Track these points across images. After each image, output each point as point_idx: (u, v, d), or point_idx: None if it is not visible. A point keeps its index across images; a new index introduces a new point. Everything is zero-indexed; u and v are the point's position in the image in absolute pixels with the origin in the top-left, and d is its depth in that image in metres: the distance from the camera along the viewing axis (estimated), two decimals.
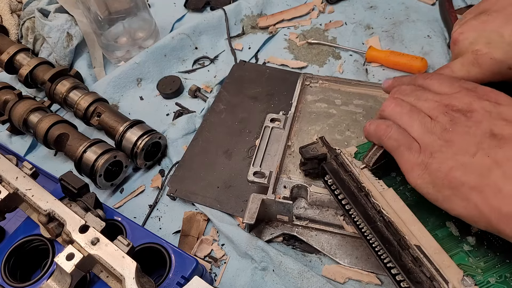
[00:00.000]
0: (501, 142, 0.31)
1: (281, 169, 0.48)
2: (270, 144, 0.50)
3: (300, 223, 0.47)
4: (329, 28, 0.71)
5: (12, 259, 0.45)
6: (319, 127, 0.51)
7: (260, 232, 0.48)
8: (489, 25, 0.39)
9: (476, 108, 0.34)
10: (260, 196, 0.45)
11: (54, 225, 0.43)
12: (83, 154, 0.53)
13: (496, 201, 0.30)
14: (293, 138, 0.51)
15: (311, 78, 0.57)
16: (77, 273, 0.39)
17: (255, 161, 0.49)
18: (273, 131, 0.52)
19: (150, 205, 0.54)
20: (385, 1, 0.73)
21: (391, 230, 0.36)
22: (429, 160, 0.34)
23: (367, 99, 0.54)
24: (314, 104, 0.54)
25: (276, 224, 0.48)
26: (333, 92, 0.55)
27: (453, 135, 0.33)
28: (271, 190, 0.46)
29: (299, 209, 0.47)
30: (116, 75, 0.67)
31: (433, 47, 0.64)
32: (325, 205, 0.46)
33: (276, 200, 0.45)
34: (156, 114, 0.64)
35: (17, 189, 0.45)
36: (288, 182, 0.47)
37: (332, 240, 0.46)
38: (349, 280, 0.45)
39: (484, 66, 0.39)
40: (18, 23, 0.77)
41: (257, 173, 0.48)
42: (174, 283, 0.41)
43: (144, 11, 0.70)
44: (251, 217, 0.44)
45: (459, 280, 0.33)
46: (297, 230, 0.47)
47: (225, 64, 0.68)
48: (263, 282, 0.46)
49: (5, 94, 0.62)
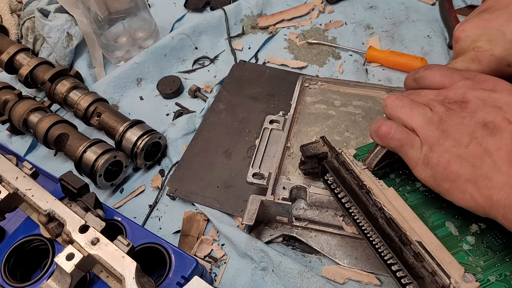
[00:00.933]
0: (493, 130, 0.32)
1: (280, 170, 0.48)
2: (269, 145, 0.51)
3: (299, 224, 0.47)
4: (329, 28, 0.71)
5: (12, 259, 0.45)
6: (318, 128, 0.51)
7: (260, 233, 0.48)
8: (492, 23, 0.40)
9: (470, 98, 0.34)
10: (259, 197, 0.45)
11: (54, 225, 0.43)
12: (83, 154, 0.53)
13: (487, 190, 0.31)
14: (292, 139, 0.51)
15: (310, 80, 0.57)
16: (77, 273, 0.40)
17: (254, 163, 0.49)
18: (272, 132, 0.52)
19: (150, 205, 0.54)
20: (385, 1, 0.73)
21: (393, 226, 0.36)
22: (430, 154, 0.34)
23: (366, 100, 0.54)
24: (313, 106, 0.54)
25: (276, 225, 0.48)
26: (332, 94, 0.55)
27: (449, 126, 0.34)
28: (270, 191, 0.46)
29: (298, 210, 0.47)
30: (116, 75, 0.67)
31: (433, 47, 0.64)
32: (324, 206, 0.46)
33: (275, 201, 0.45)
34: (156, 114, 0.64)
35: (17, 189, 0.45)
36: (287, 183, 0.47)
37: (332, 241, 0.46)
38: (349, 280, 0.45)
39: (483, 62, 0.39)
40: (18, 23, 0.77)
41: (256, 174, 0.48)
42: (174, 283, 0.41)
43: (144, 11, 0.70)
44: (250, 218, 0.44)
45: (460, 276, 0.33)
46: (297, 231, 0.47)
47: (225, 64, 0.68)
48: (263, 282, 0.46)
49: (5, 94, 0.62)
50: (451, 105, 0.35)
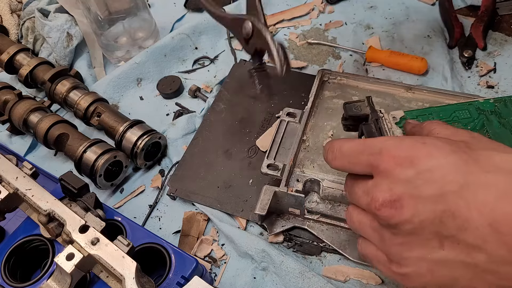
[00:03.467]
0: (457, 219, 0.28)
1: (295, 162, 0.48)
2: (285, 137, 0.51)
3: (311, 217, 0.47)
4: (329, 28, 0.71)
5: (12, 259, 0.45)
6: (335, 123, 0.52)
7: (271, 224, 0.48)
8: None
9: (397, 192, 0.30)
10: (273, 188, 0.46)
11: (54, 225, 0.43)
12: (83, 154, 0.53)
13: None
14: (308, 132, 0.51)
15: (329, 74, 0.57)
16: (77, 273, 0.40)
17: (269, 154, 0.49)
18: (289, 125, 0.52)
19: (150, 205, 0.54)
20: (385, 1, 0.73)
21: None
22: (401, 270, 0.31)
23: (384, 97, 0.54)
24: (331, 100, 0.54)
25: (288, 217, 0.48)
26: (351, 89, 0.55)
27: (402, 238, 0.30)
28: (284, 182, 0.46)
29: (311, 203, 0.47)
30: (116, 75, 0.67)
31: (433, 47, 0.64)
32: (337, 200, 0.46)
33: (288, 193, 0.45)
34: (156, 114, 0.64)
35: (17, 189, 0.45)
36: (301, 176, 0.47)
37: (343, 236, 0.46)
38: (350, 279, 0.45)
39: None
40: (18, 23, 0.77)
41: (271, 165, 0.48)
42: (174, 283, 0.41)
43: (144, 11, 0.70)
44: (263, 208, 0.44)
45: None
46: (308, 224, 0.47)
47: (225, 64, 0.68)
48: (263, 282, 0.46)
49: (5, 94, 0.62)
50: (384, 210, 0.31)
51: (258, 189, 0.51)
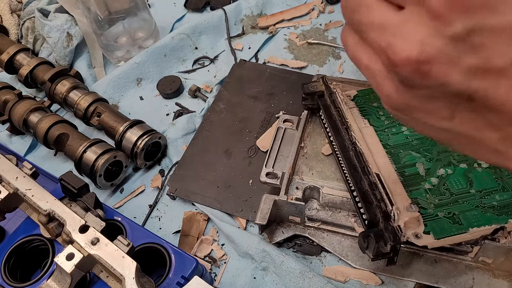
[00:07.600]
0: None
1: (294, 170, 0.48)
2: (283, 145, 0.50)
3: (312, 225, 0.47)
4: (329, 28, 0.70)
5: (12, 259, 0.45)
6: None
7: (272, 233, 0.48)
8: None
9: None
10: (273, 197, 0.45)
11: (54, 225, 0.43)
12: (83, 154, 0.53)
13: None
14: (306, 139, 0.51)
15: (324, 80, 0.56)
16: (77, 273, 0.40)
17: (267, 162, 0.48)
18: (286, 132, 0.51)
19: (150, 205, 0.54)
20: None
21: (359, 159, 0.43)
22: None
23: None
24: None
25: (288, 225, 0.48)
26: None
27: None
28: (284, 191, 0.45)
29: (311, 210, 0.46)
30: (116, 75, 0.67)
31: None
32: (337, 207, 0.46)
33: (288, 201, 0.45)
34: (156, 114, 0.64)
35: (17, 189, 0.45)
36: (300, 183, 0.46)
37: (344, 242, 0.46)
38: (350, 280, 0.45)
39: None
40: (18, 23, 0.77)
41: (270, 173, 0.47)
42: (174, 283, 0.41)
43: (144, 11, 0.70)
44: (263, 218, 0.44)
45: (405, 206, 0.38)
46: (309, 232, 0.47)
47: (225, 64, 0.68)
48: (263, 282, 0.46)
49: (5, 94, 0.62)
50: None
51: (258, 189, 0.51)
